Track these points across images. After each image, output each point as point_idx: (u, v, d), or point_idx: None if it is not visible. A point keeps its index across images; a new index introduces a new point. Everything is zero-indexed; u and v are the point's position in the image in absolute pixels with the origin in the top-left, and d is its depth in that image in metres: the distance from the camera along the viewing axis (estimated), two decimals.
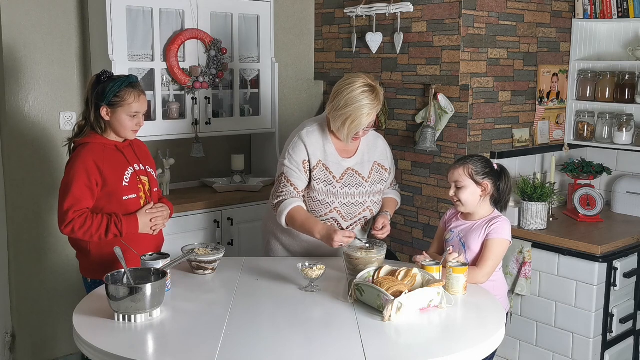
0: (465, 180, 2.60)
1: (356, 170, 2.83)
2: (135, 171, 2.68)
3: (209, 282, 2.56)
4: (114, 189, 2.59)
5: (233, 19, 3.91)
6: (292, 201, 2.74)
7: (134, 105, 2.62)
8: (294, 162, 2.76)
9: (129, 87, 2.62)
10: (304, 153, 2.76)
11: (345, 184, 2.79)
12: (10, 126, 3.50)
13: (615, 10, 3.83)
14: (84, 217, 2.52)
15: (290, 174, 2.77)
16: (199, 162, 4.12)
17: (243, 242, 3.86)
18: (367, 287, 2.26)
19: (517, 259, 3.45)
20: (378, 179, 2.87)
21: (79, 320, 2.15)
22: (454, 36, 3.58)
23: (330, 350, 1.98)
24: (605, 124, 3.94)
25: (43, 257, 3.62)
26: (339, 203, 2.79)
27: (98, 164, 2.57)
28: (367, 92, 2.63)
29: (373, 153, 2.89)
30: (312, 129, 2.81)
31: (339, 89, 2.69)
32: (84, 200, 2.55)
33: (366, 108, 2.63)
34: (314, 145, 2.78)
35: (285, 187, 2.76)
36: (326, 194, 2.77)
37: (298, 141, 2.78)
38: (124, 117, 2.61)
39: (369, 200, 2.84)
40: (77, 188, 2.54)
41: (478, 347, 2.02)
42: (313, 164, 2.77)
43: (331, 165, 2.79)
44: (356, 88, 2.64)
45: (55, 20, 3.58)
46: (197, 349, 1.96)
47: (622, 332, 3.45)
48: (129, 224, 2.59)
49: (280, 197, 2.76)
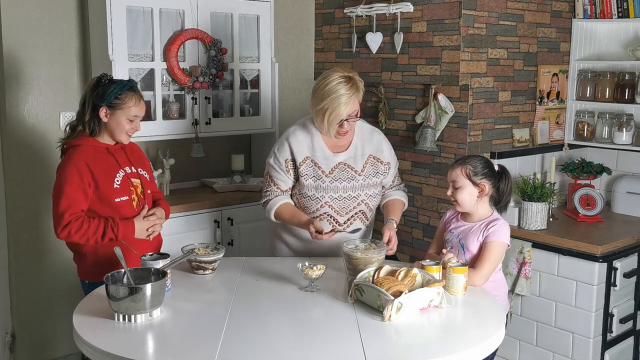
0: (463, 181, 2.59)
1: (348, 164, 2.83)
2: (127, 174, 2.68)
3: (209, 282, 2.56)
4: (105, 191, 2.59)
5: (233, 19, 3.91)
6: (278, 199, 2.85)
7: (133, 109, 2.64)
8: (276, 161, 2.84)
9: (129, 91, 2.64)
10: (287, 152, 2.82)
11: (335, 178, 2.80)
12: (10, 126, 3.50)
13: (615, 10, 3.82)
14: (80, 221, 2.53)
15: (273, 174, 2.86)
16: (199, 162, 4.12)
17: (243, 242, 3.86)
18: (367, 287, 2.26)
19: (517, 259, 3.45)
20: (373, 172, 2.87)
21: (79, 320, 2.15)
22: (454, 36, 3.58)
23: (330, 350, 1.98)
24: (605, 124, 3.94)
25: (43, 257, 3.62)
26: (329, 197, 2.80)
27: (90, 166, 2.58)
28: (342, 83, 2.66)
29: (368, 146, 2.88)
30: (299, 127, 2.86)
31: (316, 85, 2.73)
32: (79, 202, 2.55)
33: (343, 97, 2.65)
34: (301, 143, 2.81)
35: (269, 186, 2.87)
36: (315, 189, 2.79)
37: (283, 141, 2.85)
38: (122, 119, 2.63)
39: (362, 193, 2.84)
40: (71, 190, 2.54)
41: (478, 347, 2.01)
42: (299, 161, 2.80)
43: (320, 161, 2.80)
44: (331, 81, 2.67)
45: (55, 20, 3.58)
46: (197, 349, 1.96)
47: (622, 332, 3.45)
48: (126, 228, 2.60)
49: (266, 197, 2.88)
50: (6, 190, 3.52)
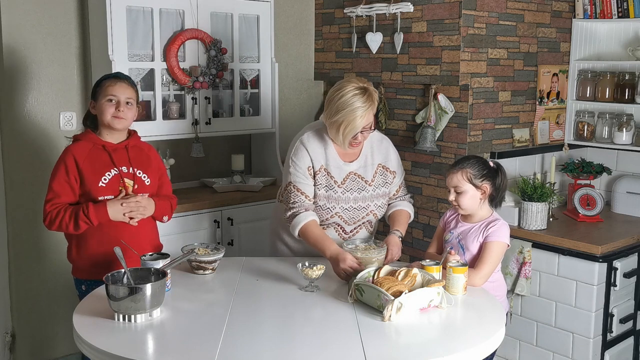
0: (465, 185, 2.58)
1: (359, 174, 2.79)
2: (120, 173, 2.65)
3: (209, 282, 2.56)
4: (90, 188, 2.60)
5: (233, 19, 3.91)
6: (306, 215, 2.69)
7: (109, 88, 2.64)
8: (299, 169, 2.73)
9: (110, 77, 2.69)
10: (307, 158, 2.74)
11: (347, 189, 2.76)
12: (10, 126, 3.50)
13: (615, 10, 3.82)
14: (56, 210, 2.57)
15: (298, 182, 2.73)
16: (199, 162, 4.12)
17: (243, 242, 3.86)
18: (367, 287, 2.26)
19: (517, 259, 3.45)
20: (382, 182, 2.83)
21: (79, 320, 2.15)
22: (454, 36, 3.58)
23: (330, 350, 1.98)
24: (605, 124, 3.94)
25: (43, 257, 3.62)
26: (340, 208, 2.76)
27: (78, 161, 2.61)
28: (358, 95, 2.59)
29: (377, 155, 2.84)
30: (312, 134, 2.78)
31: (330, 96, 2.66)
32: (64, 195, 2.59)
33: (359, 110, 2.59)
34: (316, 151, 2.75)
35: (296, 196, 2.72)
36: (327, 199, 2.75)
37: (300, 146, 2.75)
38: (102, 102, 2.63)
39: (372, 204, 2.81)
40: (57, 183, 2.60)
41: (478, 347, 2.01)
42: (316, 169, 2.74)
43: (333, 170, 2.76)
44: (346, 92, 2.60)
45: (55, 20, 3.58)
46: (197, 349, 1.96)
47: (622, 332, 3.45)
48: (97, 211, 2.56)
49: (294, 209, 2.71)
50: (6, 190, 3.52)
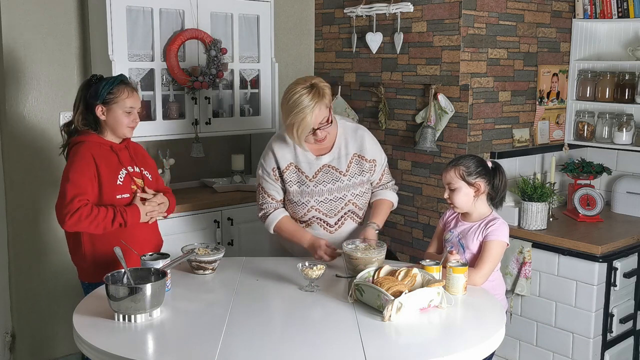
0: (458, 182, 2.60)
1: (332, 166, 2.82)
2: (129, 173, 2.69)
3: (209, 282, 2.56)
4: (108, 187, 2.61)
5: (233, 19, 3.91)
6: (277, 214, 2.84)
7: (127, 100, 2.66)
8: (265, 172, 2.83)
9: (121, 84, 2.67)
10: (272, 160, 2.81)
11: (319, 182, 2.79)
12: (10, 126, 3.50)
13: (615, 10, 3.83)
14: (89, 206, 2.54)
15: (265, 185, 2.85)
16: (199, 162, 4.12)
17: (243, 242, 3.86)
18: (367, 287, 2.26)
19: (517, 259, 3.45)
20: (358, 171, 2.84)
21: (79, 320, 2.15)
22: (454, 36, 3.58)
23: (330, 350, 1.98)
24: (605, 124, 3.94)
25: (43, 257, 3.62)
26: (314, 201, 2.79)
27: (96, 160, 2.61)
28: (305, 94, 2.60)
29: (352, 145, 2.84)
30: (282, 134, 2.83)
31: (282, 100, 2.70)
32: (87, 191, 2.56)
33: (307, 109, 2.60)
34: (283, 149, 2.80)
35: (264, 198, 2.86)
36: (300, 194, 2.79)
37: (267, 150, 2.85)
38: (119, 113, 2.65)
39: (349, 194, 2.83)
40: (80, 179, 2.56)
41: (478, 347, 2.01)
42: (282, 168, 2.79)
43: (303, 166, 2.80)
44: (293, 94, 2.62)
45: (55, 20, 3.58)
46: (197, 349, 1.96)
47: (622, 332, 3.45)
48: (132, 213, 2.63)
49: (264, 210, 2.86)
50: (6, 190, 3.52)
